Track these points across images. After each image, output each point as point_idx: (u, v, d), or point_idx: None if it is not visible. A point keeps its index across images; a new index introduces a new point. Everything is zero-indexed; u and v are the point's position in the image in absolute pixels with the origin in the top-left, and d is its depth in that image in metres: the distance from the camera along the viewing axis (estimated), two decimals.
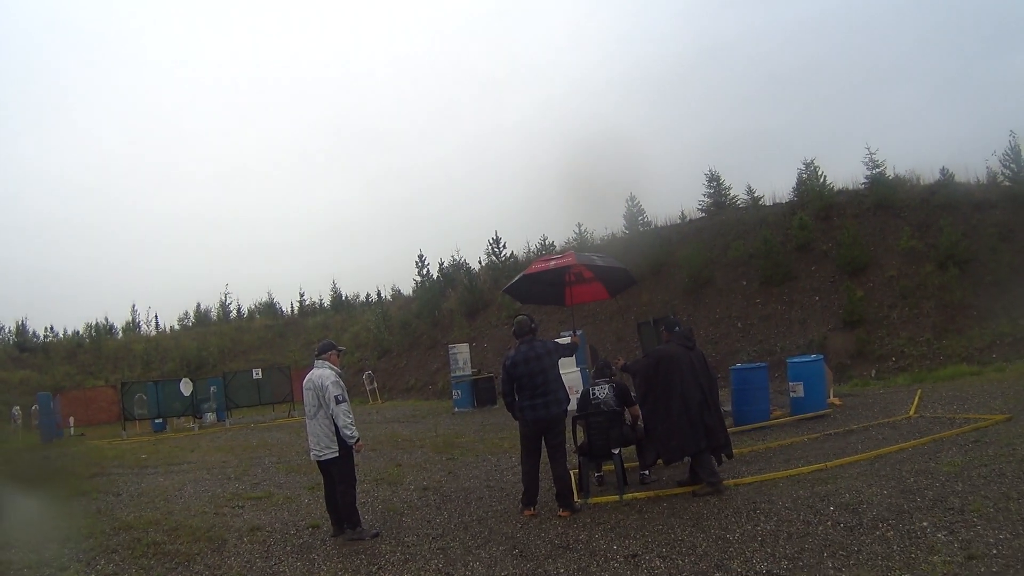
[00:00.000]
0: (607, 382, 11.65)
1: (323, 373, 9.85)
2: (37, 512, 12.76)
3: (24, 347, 52.48)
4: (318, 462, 9.96)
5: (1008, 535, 6.86)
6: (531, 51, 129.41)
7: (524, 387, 10.04)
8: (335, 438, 9.65)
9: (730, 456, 10.91)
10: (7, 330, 55.94)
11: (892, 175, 31.46)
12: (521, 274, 12.53)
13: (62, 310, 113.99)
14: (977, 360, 21.69)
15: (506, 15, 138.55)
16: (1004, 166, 29.22)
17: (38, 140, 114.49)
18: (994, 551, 6.51)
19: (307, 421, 10.00)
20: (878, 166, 31.41)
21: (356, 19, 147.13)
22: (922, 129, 70.27)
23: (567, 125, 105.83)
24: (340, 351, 10.51)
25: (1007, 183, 28.96)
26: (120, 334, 59.96)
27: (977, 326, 23.13)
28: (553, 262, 11.98)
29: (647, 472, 11.51)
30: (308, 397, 9.92)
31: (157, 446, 25.14)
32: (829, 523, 7.97)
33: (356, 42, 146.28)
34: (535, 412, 9.94)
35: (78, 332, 58.08)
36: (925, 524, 7.48)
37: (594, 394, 11.47)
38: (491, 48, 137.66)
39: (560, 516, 9.64)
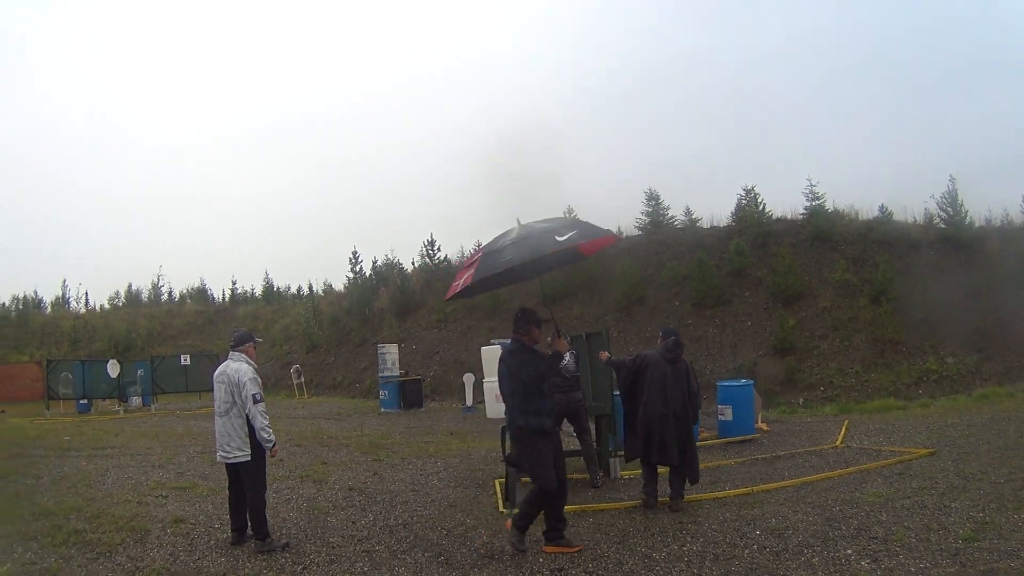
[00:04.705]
0: (569, 351, 11.90)
1: (239, 368, 9.15)
2: None
3: None
4: (226, 464, 9.24)
5: (928, 564, 7.06)
6: (475, 52, 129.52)
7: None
8: (248, 439, 8.99)
9: (694, 481, 10.68)
10: None
11: (831, 208, 31.96)
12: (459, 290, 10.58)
13: None
14: (904, 395, 22.17)
15: (454, 12, 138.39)
16: (941, 209, 29.87)
17: None
18: None
19: (216, 418, 9.22)
20: (818, 198, 31.92)
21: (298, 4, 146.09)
22: (863, 166, 71.37)
23: (506, 132, 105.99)
24: (257, 343, 9.86)
25: (943, 225, 29.54)
26: (49, 309, 59.07)
27: (905, 362, 23.58)
28: (462, 281, 9.26)
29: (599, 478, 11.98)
30: (220, 392, 9.19)
31: (81, 428, 24.75)
32: (755, 547, 8.04)
33: (300, 28, 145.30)
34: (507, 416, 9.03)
35: (4, 304, 56.99)
36: (849, 552, 7.62)
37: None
38: (432, 45, 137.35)
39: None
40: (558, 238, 8.14)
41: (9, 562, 8.57)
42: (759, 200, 33.07)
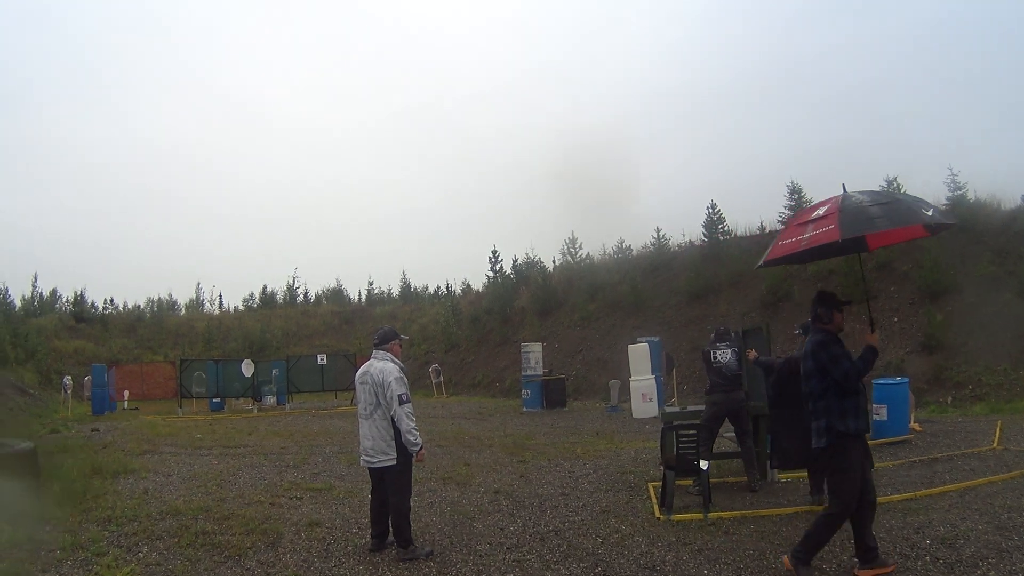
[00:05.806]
0: (728, 346, 11.56)
1: (384, 367, 8.77)
2: (78, 488, 12.40)
3: (81, 317, 52.41)
4: (369, 468, 8.91)
5: None
6: (614, 58, 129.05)
7: None
8: (393, 443, 8.60)
9: None
10: (64, 299, 56.53)
11: (973, 198, 30.80)
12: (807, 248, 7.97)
13: (124, 283, 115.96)
14: None
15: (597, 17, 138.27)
16: None
17: (110, 108, 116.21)
18: None
19: (361, 421, 8.90)
20: (960, 188, 30.76)
21: (439, 9, 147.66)
22: (1002, 152, 69.19)
23: (645, 131, 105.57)
24: (402, 340, 9.48)
25: None
26: (183, 311, 60.75)
27: None
28: (808, 236, 7.67)
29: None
30: (364, 393, 8.85)
31: (213, 426, 25.20)
32: (927, 558, 7.60)
33: (437, 32, 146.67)
34: None
35: (139, 306, 58.81)
36: None
37: (715, 357, 11.61)
38: (572, 45, 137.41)
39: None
40: (925, 212, 7.27)
41: (134, 562, 8.46)
42: (902, 191, 31.93)
